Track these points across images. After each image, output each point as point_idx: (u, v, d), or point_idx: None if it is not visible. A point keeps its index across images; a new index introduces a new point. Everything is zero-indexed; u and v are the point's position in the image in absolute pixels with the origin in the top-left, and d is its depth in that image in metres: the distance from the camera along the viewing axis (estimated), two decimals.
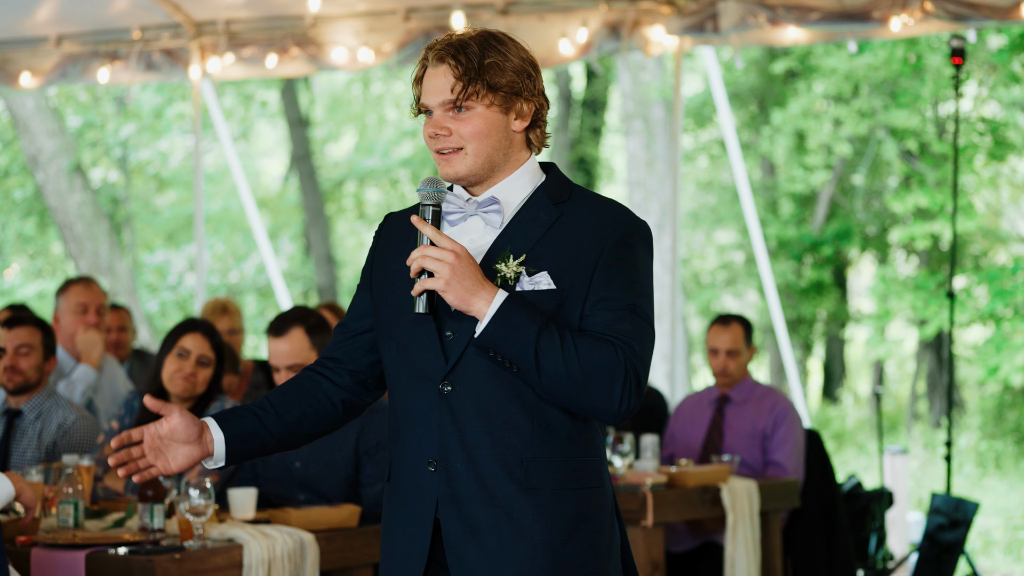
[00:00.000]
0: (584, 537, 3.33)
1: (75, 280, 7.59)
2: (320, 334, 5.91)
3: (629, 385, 3.24)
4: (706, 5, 8.87)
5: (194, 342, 6.02)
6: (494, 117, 3.35)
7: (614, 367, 3.23)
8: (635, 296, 3.31)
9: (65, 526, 5.21)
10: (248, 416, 3.49)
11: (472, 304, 3.24)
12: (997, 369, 15.78)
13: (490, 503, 3.31)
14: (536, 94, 3.39)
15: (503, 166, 3.39)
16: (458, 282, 3.23)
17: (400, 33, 9.48)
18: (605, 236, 3.32)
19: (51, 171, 16.84)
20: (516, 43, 3.39)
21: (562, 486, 3.32)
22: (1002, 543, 12.80)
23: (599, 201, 3.41)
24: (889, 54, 16.53)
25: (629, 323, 3.28)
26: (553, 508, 3.31)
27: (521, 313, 3.23)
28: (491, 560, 3.31)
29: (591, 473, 3.36)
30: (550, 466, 3.32)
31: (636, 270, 3.33)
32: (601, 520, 3.37)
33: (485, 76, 3.32)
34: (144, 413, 6.08)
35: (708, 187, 21.74)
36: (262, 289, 22.39)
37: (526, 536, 3.30)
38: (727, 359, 7.46)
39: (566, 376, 3.22)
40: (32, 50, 10.27)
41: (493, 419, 3.31)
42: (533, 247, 3.33)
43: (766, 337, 19.52)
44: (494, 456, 3.31)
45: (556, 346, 3.22)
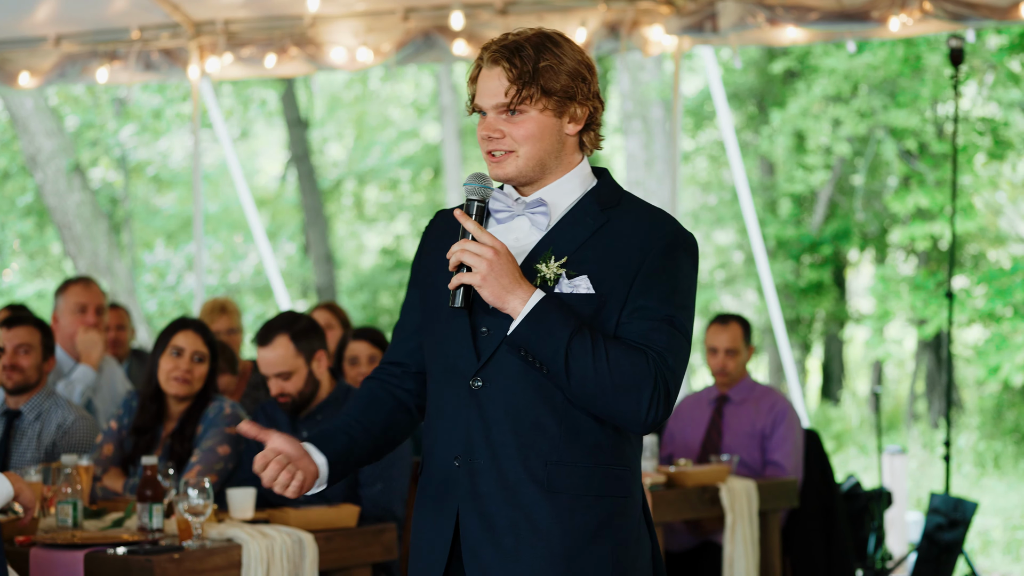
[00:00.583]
0: (603, 546, 3.31)
1: (74, 280, 7.59)
2: (307, 339, 5.87)
3: (658, 396, 3.23)
4: (705, 5, 8.87)
5: (187, 340, 6.02)
6: (547, 121, 3.34)
7: (644, 377, 3.22)
8: (673, 308, 3.29)
9: (64, 526, 5.21)
10: (340, 436, 3.48)
11: (507, 302, 3.24)
12: (998, 369, 15.78)
13: (510, 502, 3.30)
14: (591, 97, 3.37)
15: (554, 168, 3.38)
16: (495, 279, 3.23)
17: (399, 33, 9.49)
18: (649, 245, 3.30)
19: (50, 171, 16.84)
20: (572, 45, 3.37)
21: (585, 492, 3.30)
22: (1001, 543, 12.80)
23: (647, 210, 3.39)
24: (889, 54, 16.53)
25: (664, 334, 3.26)
26: (573, 514, 3.29)
27: (555, 314, 3.23)
28: (506, 559, 3.31)
29: (618, 482, 3.33)
30: (575, 471, 3.30)
31: (677, 281, 3.31)
32: (624, 531, 3.34)
33: (539, 80, 3.31)
34: (143, 412, 6.08)
35: (707, 187, 21.74)
36: (260, 290, 22.39)
37: (543, 539, 3.29)
38: (726, 358, 7.47)
39: (595, 381, 3.21)
40: (31, 50, 10.27)
41: (521, 419, 3.31)
42: (576, 250, 3.32)
43: (765, 337, 19.51)
44: (519, 456, 3.30)
45: (587, 351, 3.21)
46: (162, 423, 6.09)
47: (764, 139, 18.49)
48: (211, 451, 5.92)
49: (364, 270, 24.96)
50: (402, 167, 24.05)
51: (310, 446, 3.43)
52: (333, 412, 5.90)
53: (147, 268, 22.09)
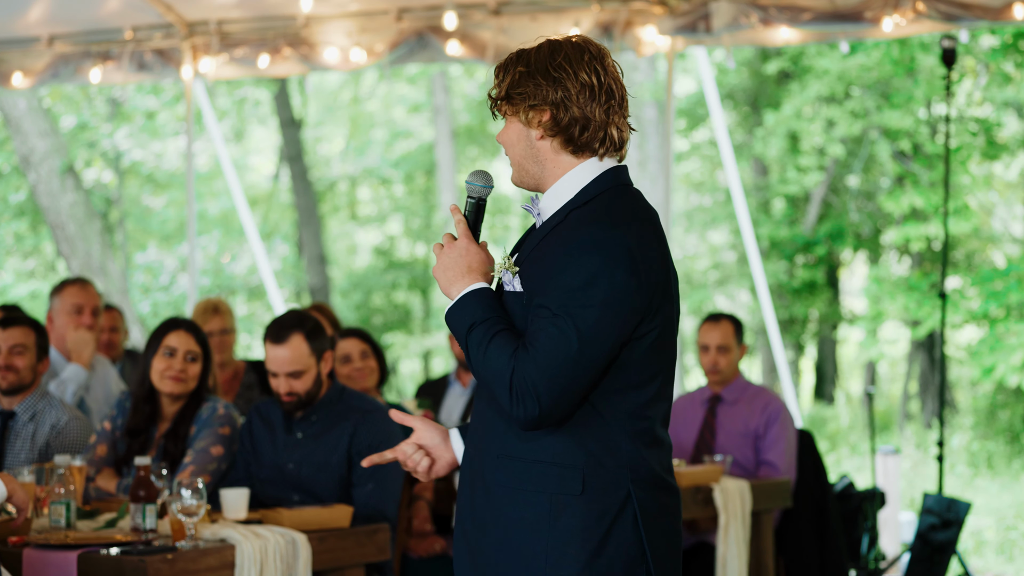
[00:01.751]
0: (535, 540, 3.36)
1: (71, 281, 7.57)
2: (318, 339, 5.89)
3: (517, 393, 3.28)
4: (698, 5, 8.87)
5: (179, 339, 6.03)
6: (515, 127, 3.48)
7: (502, 372, 3.30)
8: (567, 306, 3.29)
9: (57, 526, 5.20)
10: None
11: (449, 291, 3.43)
12: (992, 369, 15.80)
13: (471, 493, 3.47)
14: (549, 102, 3.41)
15: (541, 174, 3.48)
16: (442, 270, 3.44)
17: (392, 33, 9.48)
18: (567, 244, 3.34)
19: (43, 171, 16.82)
20: (557, 49, 3.43)
21: (523, 487, 3.37)
22: (994, 543, 12.81)
23: (594, 210, 3.41)
24: (882, 55, 16.55)
25: (543, 332, 3.29)
26: (511, 507, 3.38)
27: (471, 306, 3.39)
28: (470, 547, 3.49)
29: (561, 479, 3.35)
30: (518, 464, 3.38)
31: (578, 281, 3.30)
32: (566, 527, 3.35)
33: (505, 88, 3.44)
34: (136, 413, 6.08)
35: (701, 188, 21.75)
36: (254, 289, 22.38)
37: (488, 529, 3.43)
38: (717, 355, 7.47)
39: (480, 373, 3.37)
40: (24, 50, 10.27)
41: (486, 413, 3.46)
42: (531, 251, 3.43)
43: (758, 337, 19.53)
44: (484, 449, 3.45)
45: (478, 342, 3.35)
46: (155, 424, 6.09)
47: (758, 140, 18.50)
48: (204, 452, 5.92)
49: (357, 270, 24.96)
50: (395, 167, 24.04)
51: (455, 433, 3.64)
52: (328, 413, 5.91)
53: (140, 269, 22.07)
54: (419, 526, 6.74)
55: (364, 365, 7.10)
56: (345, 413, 5.91)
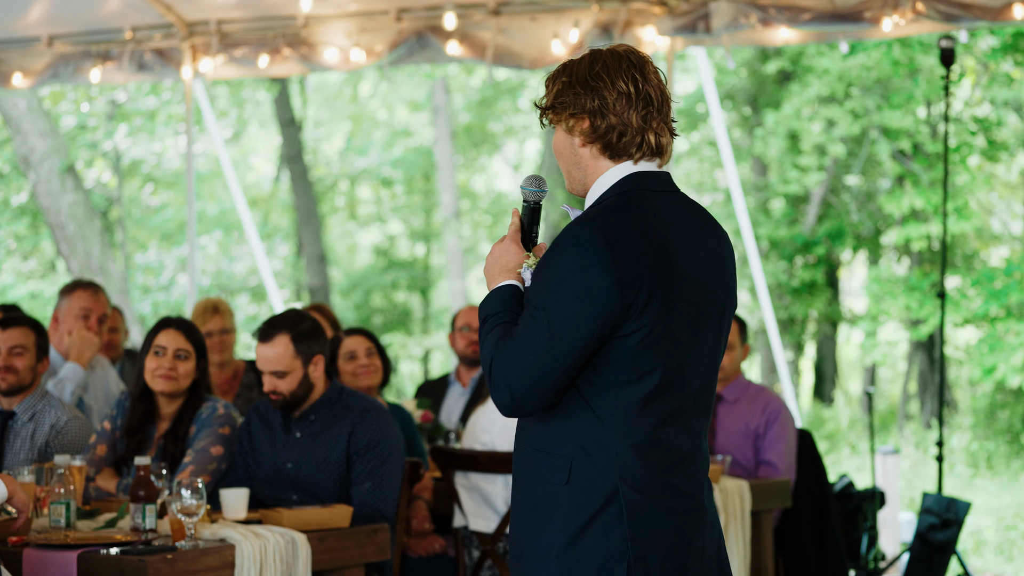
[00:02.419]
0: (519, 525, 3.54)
1: (83, 284, 7.53)
2: (307, 342, 5.88)
3: (495, 380, 3.45)
4: (698, 5, 8.87)
5: (168, 338, 6.05)
6: (561, 136, 3.60)
7: (486, 360, 3.47)
8: (542, 298, 3.44)
9: (57, 526, 5.21)
10: None
11: (489, 288, 3.61)
12: (993, 369, 15.80)
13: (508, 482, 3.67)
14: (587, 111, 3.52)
15: (584, 180, 3.62)
16: (486, 269, 3.63)
17: (392, 33, 9.48)
18: (554, 242, 3.49)
19: (43, 171, 16.82)
20: (598, 59, 3.56)
21: (527, 474, 3.53)
22: (993, 543, 12.82)
23: (591, 212, 3.54)
24: (882, 55, 16.55)
25: (522, 323, 3.46)
26: (518, 492, 3.55)
27: (496, 301, 3.55)
28: None
29: (551, 468, 3.48)
30: (526, 453, 3.54)
31: (555, 274, 3.43)
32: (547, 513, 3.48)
33: (550, 98, 3.58)
34: (132, 412, 6.09)
35: (701, 188, 21.75)
36: (254, 290, 22.38)
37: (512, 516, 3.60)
38: None
39: (481, 362, 3.55)
40: (24, 50, 10.26)
41: None
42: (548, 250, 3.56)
43: (758, 337, 19.53)
44: (517, 438, 3.61)
45: (484, 334, 3.51)
46: (153, 423, 6.09)
47: (758, 140, 18.50)
48: (204, 451, 5.92)
49: (357, 270, 24.96)
50: (395, 167, 24.04)
51: None
52: (326, 412, 5.91)
53: (140, 269, 22.07)
54: (418, 526, 6.74)
55: (370, 363, 7.10)
56: (344, 412, 5.91)
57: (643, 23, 9.06)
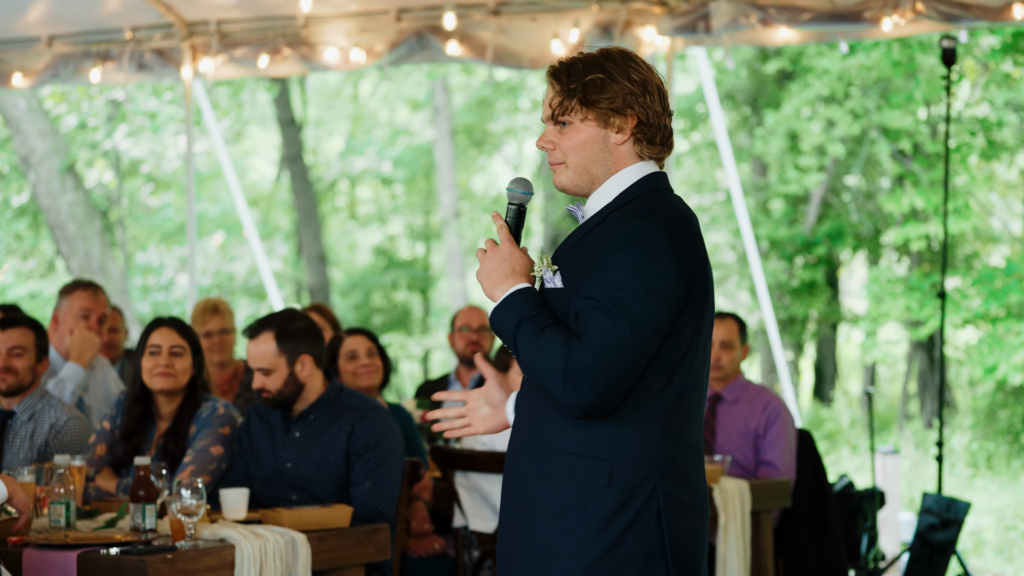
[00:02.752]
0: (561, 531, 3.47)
1: (83, 284, 7.53)
2: (292, 341, 5.86)
3: (572, 382, 3.38)
4: (698, 5, 8.87)
5: (162, 336, 6.06)
6: (591, 131, 3.56)
7: (556, 360, 3.39)
8: (613, 299, 3.40)
9: (57, 526, 5.20)
10: None
11: (492, 294, 3.55)
12: (994, 369, 15.79)
13: (517, 484, 3.56)
14: (636, 107, 3.53)
15: (603, 177, 3.59)
16: (484, 274, 3.56)
17: (391, 33, 9.48)
18: (610, 240, 3.46)
19: (43, 171, 16.82)
20: (630, 59, 3.57)
21: (552, 476, 3.48)
22: (993, 543, 12.82)
23: (637, 210, 3.52)
24: (882, 55, 16.54)
25: (593, 321, 3.40)
26: (540, 496, 3.49)
27: (518, 304, 3.50)
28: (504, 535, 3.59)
29: (588, 471, 3.44)
30: (550, 456, 3.49)
31: (624, 274, 3.41)
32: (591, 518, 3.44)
33: (581, 93, 3.53)
34: (128, 415, 6.09)
35: (701, 188, 21.75)
36: (254, 289, 22.38)
37: (517, 518, 3.54)
38: (721, 350, 7.47)
39: (531, 364, 3.44)
40: (24, 50, 10.27)
41: (528, 407, 3.58)
42: (570, 249, 3.56)
43: (758, 337, 19.52)
44: (526, 440, 3.56)
45: (528, 336, 3.44)
46: (150, 426, 6.09)
47: (758, 140, 18.50)
48: (204, 451, 5.92)
49: (357, 270, 24.96)
50: (395, 167, 24.03)
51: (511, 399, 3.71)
52: (325, 412, 5.91)
53: (140, 269, 22.06)
54: (418, 526, 6.75)
55: (370, 363, 7.10)
56: (343, 412, 5.91)
57: (643, 23, 9.06)
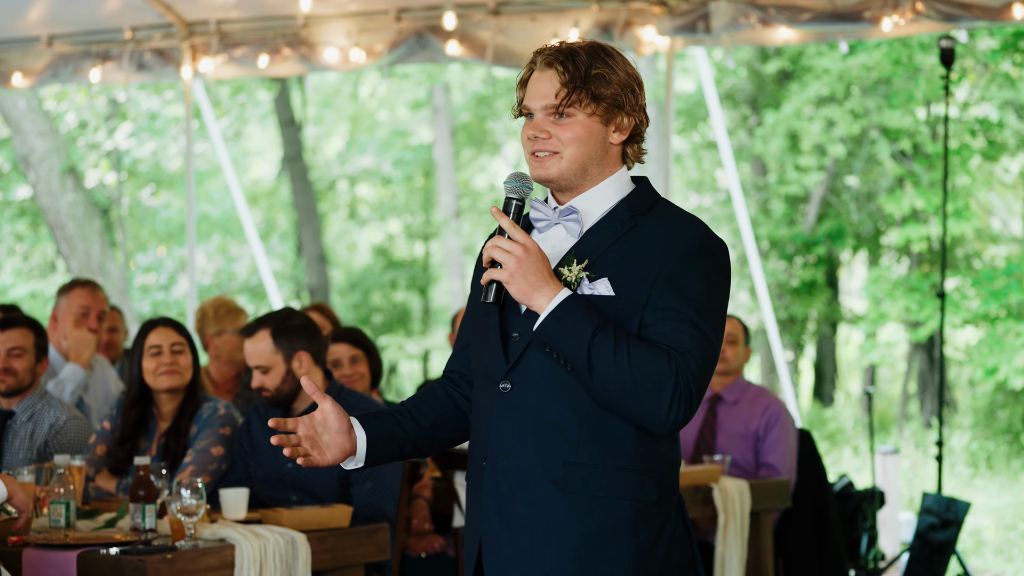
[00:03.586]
0: (620, 550, 3.33)
1: (80, 283, 7.54)
2: (288, 338, 5.86)
3: (679, 396, 3.24)
4: (697, 5, 8.87)
5: (160, 336, 6.06)
6: (594, 126, 3.41)
7: (664, 376, 3.23)
8: (696, 311, 3.30)
9: (56, 526, 5.20)
10: (387, 418, 3.56)
11: (533, 299, 3.29)
12: (995, 370, 15.78)
13: (528, 501, 3.35)
14: (637, 110, 3.44)
15: (595, 176, 3.44)
16: (522, 276, 3.28)
17: (391, 33, 9.48)
18: (672, 248, 3.33)
19: (43, 171, 16.82)
20: (624, 58, 3.45)
21: (603, 494, 3.32)
22: (993, 543, 12.82)
23: (676, 214, 3.43)
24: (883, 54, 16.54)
25: (687, 336, 3.28)
26: (589, 515, 3.32)
27: (579, 312, 3.27)
28: (521, 558, 3.37)
29: (641, 486, 3.34)
30: (594, 472, 3.33)
31: (701, 285, 3.32)
32: (646, 535, 3.35)
33: (590, 85, 3.37)
34: (128, 419, 6.08)
35: (700, 188, 21.75)
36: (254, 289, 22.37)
37: (556, 538, 3.33)
38: (725, 345, 7.45)
39: (616, 379, 3.23)
40: (23, 50, 10.27)
41: (542, 419, 3.35)
42: (600, 255, 3.37)
43: (758, 337, 19.53)
44: (537, 456, 3.35)
45: (610, 348, 3.23)
46: (147, 429, 6.09)
47: (758, 140, 18.50)
48: (205, 451, 5.92)
49: (356, 270, 24.95)
50: (395, 167, 24.03)
51: (355, 421, 3.51)
52: None
53: (140, 269, 22.06)
54: (418, 525, 6.74)
55: (353, 371, 7.05)
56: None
57: (643, 23, 9.06)
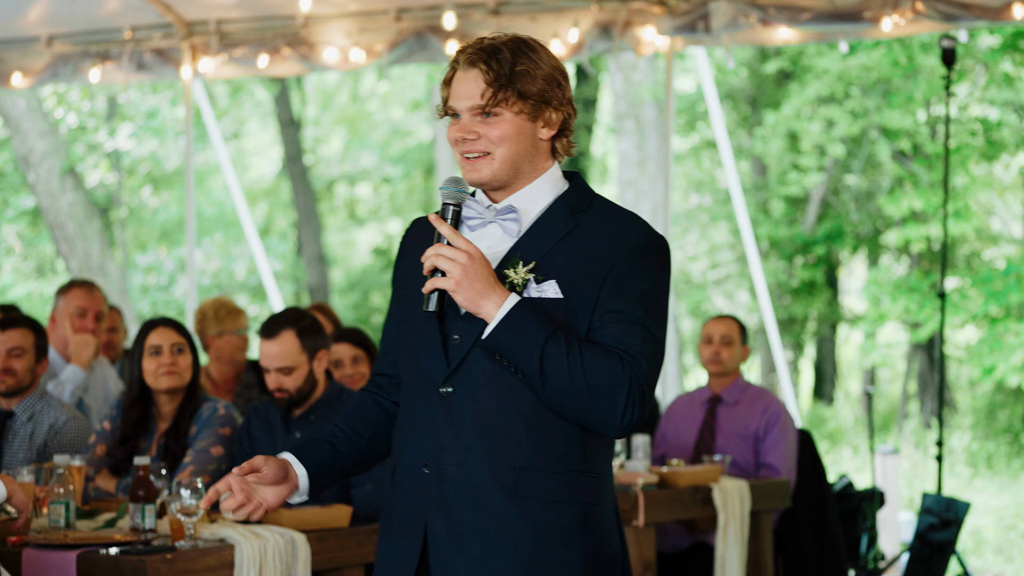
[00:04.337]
0: (572, 553, 3.30)
1: (78, 283, 7.54)
2: (311, 337, 5.89)
3: (632, 399, 3.22)
4: (697, 5, 8.88)
5: (161, 336, 6.06)
6: (522, 124, 3.33)
7: (618, 380, 3.21)
8: (645, 312, 3.27)
9: (56, 526, 5.20)
10: (324, 446, 3.50)
11: (481, 306, 3.23)
12: (993, 369, 15.78)
13: (477, 508, 3.29)
14: (565, 103, 3.37)
15: (528, 173, 3.37)
16: (469, 283, 3.21)
17: (391, 33, 9.49)
18: (618, 248, 3.29)
19: (42, 171, 16.82)
20: (547, 51, 3.38)
21: (553, 498, 3.29)
22: (993, 543, 12.82)
23: (617, 213, 3.38)
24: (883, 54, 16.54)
25: (638, 337, 3.25)
26: (541, 519, 3.28)
27: (530, 318, 3.21)
28: (472, 565, 3.30)
29: (587, 489, 3.32)
30: (543, 476, 3.29)
31: (648, 285, 3.29)
32: (594, 538, 3.33)
33: (516, 83, 3.30)
34: (128, 420, 6.08)
35: (700, 187, 21.75)
36: (254, 289, 22.38)
37: (509, 544, 3.29)
38: (720, 346, 7.48)
39: (570, 384, 3.20)
40: (23, 50, 10.27)
41: (489, 425, 3.29)
42: (545, 255, 3.31)
43: (758, 337, 19.53)
44: (484, 461, 3.29)
45: (562, 354, 3.19)
46: (152, 426, 6.09)
47: (757, 140, 18.50)
48: (204, 451, 5.92)
49: (356, 269, 24.96)
50: (394, 166, 24.04)
51: (291, 457, 3.46)
52: (326, 412, 5.91)
53: (140, 269, 22.07)
54: None
55: (355, 371, 7.05)
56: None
57: (643, 23, 9.06)
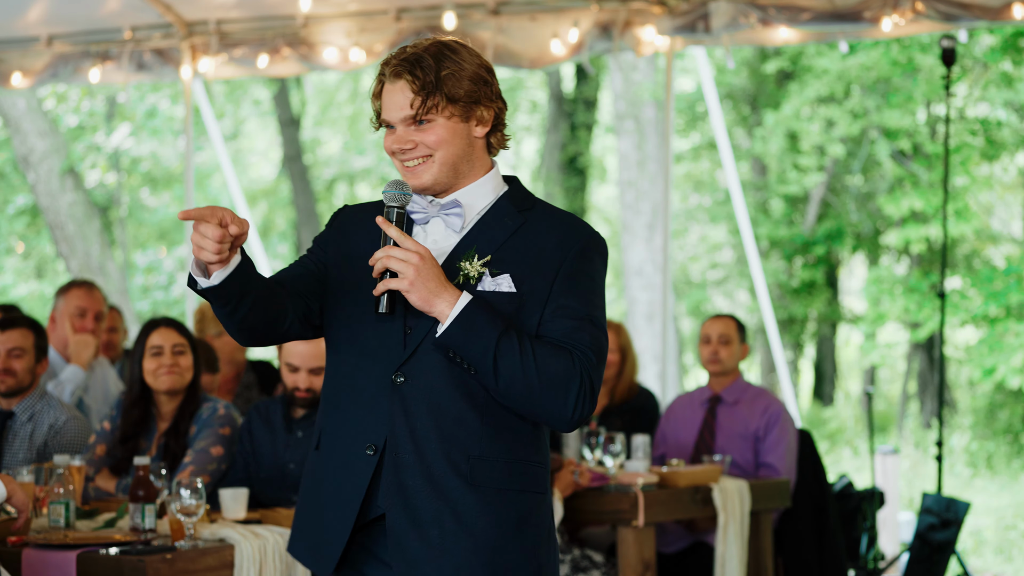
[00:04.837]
0: (527, 539, 3.40)
1: (78, 283, 7.54)
2: None
3: (583, 394, 3.31)
4: (697, 5, 8.88)
5: (162, 336, 6.06)
6: (455, 126, 3.40)
7: (570, 376, 3.30)
8: (593, 307, 3.38)
9: (56, 526, 5.20)
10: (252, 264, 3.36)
11: (435, 305, 3.29)
12: (993, 370, 15.79)
13: (436, 496, 3.35)
14: (494, 99, 3.45)
15: (467, 172, 3.45)
16: (422, 283, 3.27)
17: (391, 33, 9.49)
18: (567, 247, 3.39)
19: (42, 171, 16.82)
20: (469, 50, 3.45)
21: (507, 487, 3.38)
22: (993, 543, 12.82)
23: (561, 214, 3.49)
24: (882, 55, 16.54)
25: (587, 333, 3.35)
26: (499, 507, 3.36)
27: (483, 316, 3.29)
28: (432, 552, 3.36)
29: (536, 479, 3.43)
30: (496, 465, 3.37)
31: (594, 282, 3.41)
32: (542, 526, 3.44)
33: (443, 88, 3.36)
34: (129, 419, 6.08)
35: (700, 187, 21.75)
36: None
37: (468, 531, 3.35)
38: (719, 345, 7.49)
39: (523, 381, 3.28)
40: (23, 50, 10.27)
41: (443, 414, 3.36)
42: (497, 250, 3.40)
43: (757, 337, 19.53)
44: (441, 450, 3.36)
45: (515, 352, 3.27)
46: (152, 426, 6.09)
47: (757, 140, 18.50)
48: (204, 452, 5.92)
49: None
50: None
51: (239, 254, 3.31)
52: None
53: (140, 269, 22.07)
54: None
55: None
56: None
57: (643, 23, 9.06)
